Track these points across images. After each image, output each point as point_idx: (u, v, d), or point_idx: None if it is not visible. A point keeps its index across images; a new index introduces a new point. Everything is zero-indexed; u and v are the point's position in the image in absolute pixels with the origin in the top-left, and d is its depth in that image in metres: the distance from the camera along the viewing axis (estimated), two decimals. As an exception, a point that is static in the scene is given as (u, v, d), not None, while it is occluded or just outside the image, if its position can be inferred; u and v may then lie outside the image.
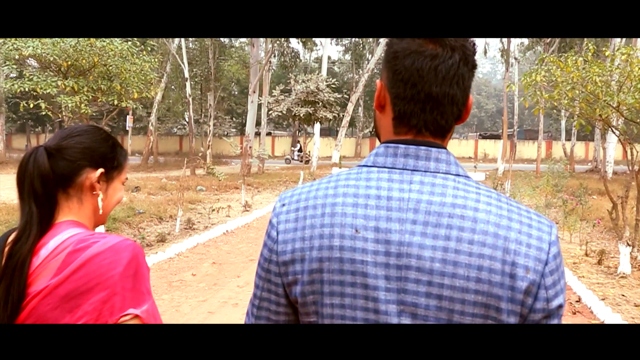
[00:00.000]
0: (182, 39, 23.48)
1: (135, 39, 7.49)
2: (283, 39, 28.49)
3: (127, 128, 36.89)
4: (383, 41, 28.49)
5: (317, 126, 22.34)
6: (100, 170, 1.22)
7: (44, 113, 6.85)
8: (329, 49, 31.44)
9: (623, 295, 5.84)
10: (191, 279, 6.30)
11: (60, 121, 9.03)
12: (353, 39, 39.03)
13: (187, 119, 27.84)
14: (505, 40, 25.90)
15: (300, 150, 30.58)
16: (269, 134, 44.57)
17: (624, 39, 17.40)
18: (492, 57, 71.48)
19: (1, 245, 1.14)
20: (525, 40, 30.45)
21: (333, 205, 0.89)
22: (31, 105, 6.18)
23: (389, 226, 0.85)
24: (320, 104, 18.63)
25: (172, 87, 30.24)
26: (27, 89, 6.38)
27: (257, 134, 27.07)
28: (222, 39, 30.48)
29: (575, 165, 26.21)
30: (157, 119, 30.62)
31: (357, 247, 0.85)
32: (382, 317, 0.85)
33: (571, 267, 7.17)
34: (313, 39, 29.82)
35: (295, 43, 34.83)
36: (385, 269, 0.84)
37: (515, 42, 29.11)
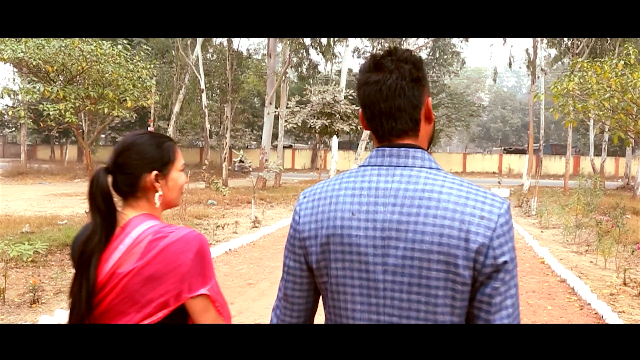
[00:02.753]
0: (199, 51, 23.19)
1: (126, 43, 6.99)
2: (302, 50, 28.08)
3: (148, 140, 37.01)
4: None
5: (335, 139, 21.69)
6: (154, 172, 1.48)
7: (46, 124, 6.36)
8: (349, 61, 30.90)
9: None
10: (178, 306, 5.66)
11: (82, 132, 8.54)
12: (374, 51, 38.48)
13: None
14: (531, 51, 25.00)
15: (241, 161, 31.33)
16: (289, 146, 44.10)
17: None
18: (517, 71, 70.16)
19: (76, 246, 1.45)
20: (552, 52, 29.44)
21: (337, 197, 1.20)
22: (10, 113, 5.71)
23: (376, 209, 1.15)
24: (338, 115, 17.98)
25: (191, 98, 30.01)
26: (4, 96, 5.91)
27: (276, 146, 26.58)
28: (241, 50, 30.25)
29: (605, 181, 25.01)
30: (177, 130, 30.41)
31: (353, 225, 1.16)
32: (372, 275, 1.14)
33: (608, 298, 6.33)
34: (332, 50, 29.31)
35: (314, 55, 34.43)
36: (373, 240, 1.14)
37: (542, 53, 28.15)
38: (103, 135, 42.41)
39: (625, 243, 9.34)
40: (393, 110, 1.18)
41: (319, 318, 1.28)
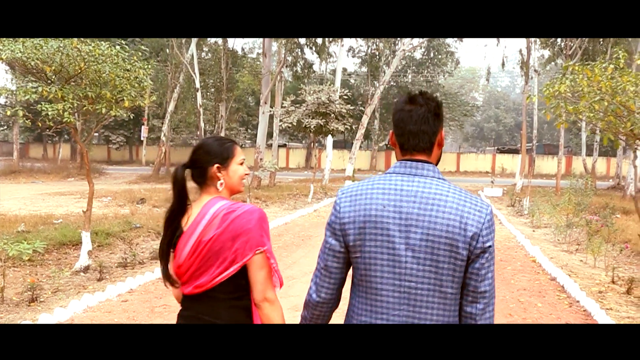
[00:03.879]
0: (194, 50, 23.20)
1: (124, 43, 7.04)
2: (297, 50, 28.13)
3: (142, 138, 36.91)
4: (399, 54, 27.94)
5: (330, 138, 21.77)
6: (216, 165, 2.00)
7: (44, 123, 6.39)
8: (344, 60, 30.99)
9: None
10: (176, 305, 5.71)
11: (75, 129, 8.53)
12: (369, 51, 38.54)
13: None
14: (524, 52, 25.18)
15: None
16: (284, 145, 44.14)
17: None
18: (511, 71, 70.46)
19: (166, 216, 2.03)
20: (546, 53, 29.66)
21: (371, 194, 1.67)
22: (8, 113, 5.76)
23: (401, 204, 1.63)
24: (332, 115, 18.06)
25: (185, 97, 29.97)
26: (4, 95, 5.97)
27: (271, 145, 26.63)
28: (235, 49, 30.25)
29: (596, 181, 25.23)
30: (171, 129, 30.36)
31: (384, 215, 1.63)
32: (397, 251, 1.61)
33: (596, 296, 6.47)
34: (327, 50, 29.39)
35: (309, 54, 34.46)
36: (398, 227, 1.61)
37: (535, 54, 28.33)
38: (96, 134, 42.23)
39: (614, 242, 9.50)
40: (419, 132, 1.68)
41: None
